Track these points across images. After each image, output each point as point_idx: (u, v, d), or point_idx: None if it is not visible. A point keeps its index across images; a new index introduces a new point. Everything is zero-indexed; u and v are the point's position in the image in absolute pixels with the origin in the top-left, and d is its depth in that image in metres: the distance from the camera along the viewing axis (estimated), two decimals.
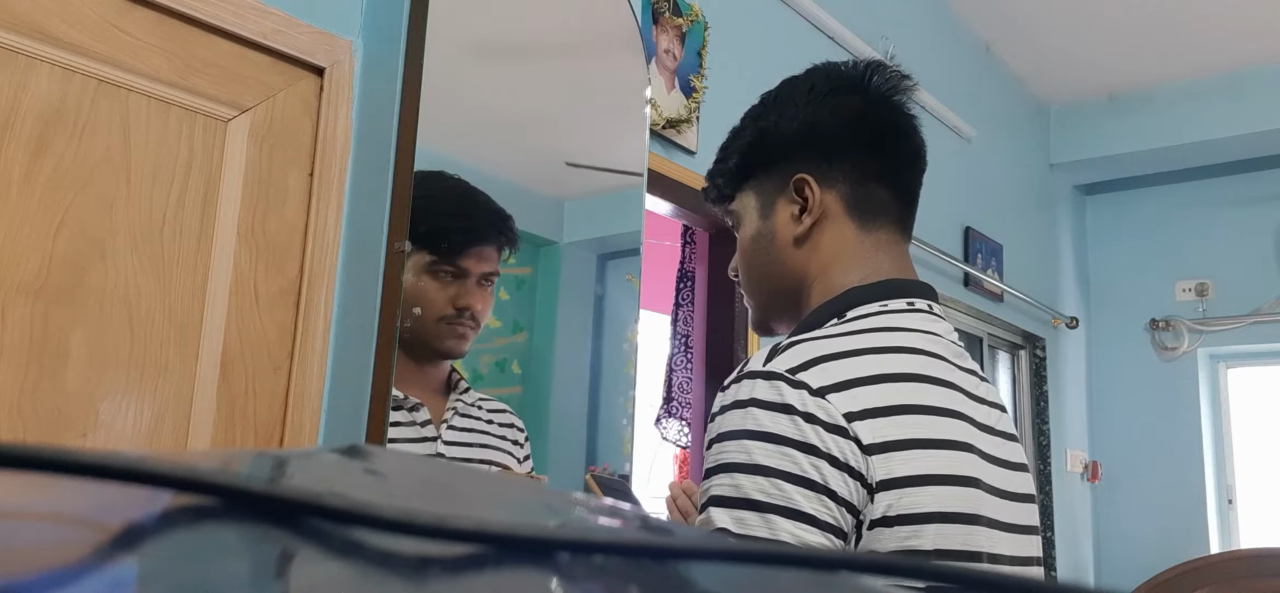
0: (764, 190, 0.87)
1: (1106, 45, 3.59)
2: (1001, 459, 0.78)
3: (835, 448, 0.68)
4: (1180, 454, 4.03)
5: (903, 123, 0.86)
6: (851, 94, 0.85)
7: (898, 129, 0.86)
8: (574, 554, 0.23)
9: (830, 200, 0.84)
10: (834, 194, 0.84)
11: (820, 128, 0.84)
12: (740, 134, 0.90)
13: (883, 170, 0.85)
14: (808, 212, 0.84)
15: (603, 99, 1.68)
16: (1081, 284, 4.32)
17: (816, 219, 0.84)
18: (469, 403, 1.35)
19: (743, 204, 0.90)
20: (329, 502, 0.23)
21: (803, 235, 0.85)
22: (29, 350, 1.03)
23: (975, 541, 0.72)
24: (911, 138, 0.87)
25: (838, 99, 0.85)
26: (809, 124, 0.85)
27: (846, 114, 0.85)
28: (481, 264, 1.34)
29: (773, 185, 0.87)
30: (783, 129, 0.86)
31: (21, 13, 1.05)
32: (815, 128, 0.84)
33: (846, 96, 0.85)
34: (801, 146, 0.85)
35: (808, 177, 0.84)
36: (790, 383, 0.69)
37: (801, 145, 0.85)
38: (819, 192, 0.84)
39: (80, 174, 1.08)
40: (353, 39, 1.34)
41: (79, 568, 0.20)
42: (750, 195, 0.89)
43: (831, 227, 0.84)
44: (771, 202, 0.87)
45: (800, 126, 0.85)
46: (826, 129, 0.84)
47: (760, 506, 0.67)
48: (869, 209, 0.84)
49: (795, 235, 0.85)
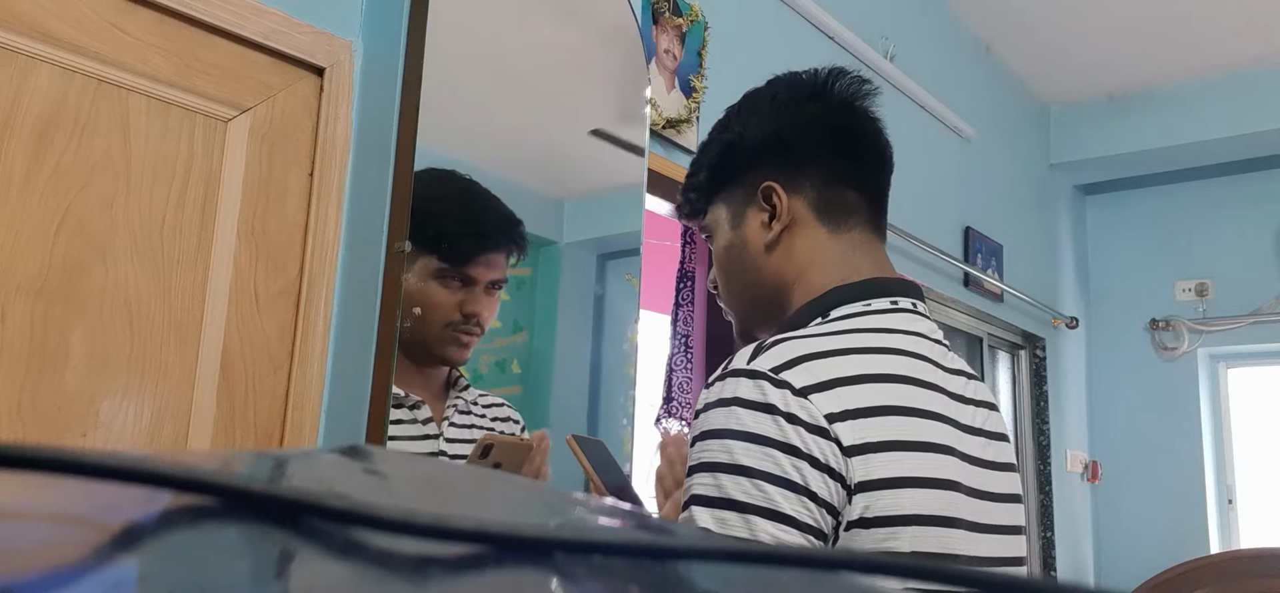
0: (734, 201, 0.89)
1: (1106, 45, 3.59)
2: (984, 460, 0.78)
3: (816, 449, 0.68)
4: (1180, 454, 4.03)
5: (866, 126, 0.88)
6: (813, 101, 0.87)
7: (861, 132, 0.87)
8: (574, 554, 0.23)
9: (798, 206, 0.85)
10: (802, 200, 0.85)
11: (784, 136, 0.86)
12: (708, 148, 0.91)
13: (849, 173, 0.86)
14: (776, 218, 0.85)
15: (603, 98, 1.68)
16: (1081, 284, 4.32)
17: (786, 225, 0.85)
18: (468, 400, 1.35)
19: (715, 217, 0.91)
20: (329, 502, 0.23)
21: (773, 242, 0.86)
22: (29, 350, 1.03)
23: (952, 543, 0.72)
24: (876, 140, 0.88)
25: (800, 107, 0.86)
26: (773, 133, 0.86)
27: (809, 120, 0.86)
28: (490, 272, 1.33)
29: (742, 196, 0.88)
30: (748, 140, 0.87)
31: (21, 13, 1.05)
32: (779, 136, 0.86)
33: (808, 103, 0.87)
34: (767, 155, 0.86)
35: (774, 184, 0.85)
36: (773, 382, 0.70)
37: (767, 154, 0.86)
38: (786, 198, 0.85)
39: (80, 174, 1.08)
40: (353, 39, 1.34)
41: (79, 568, 0.20)
42: (721, 207, 0.90)
43: (802, 232, 0.85)
44: (741, 212, 0.88)
45: (764, 136, 0.86)
46: (790, 136, 0.86)
47: (742, 506, 0.68)
48: (838, 212, 0.86)
49: (766, 242, 0.86)
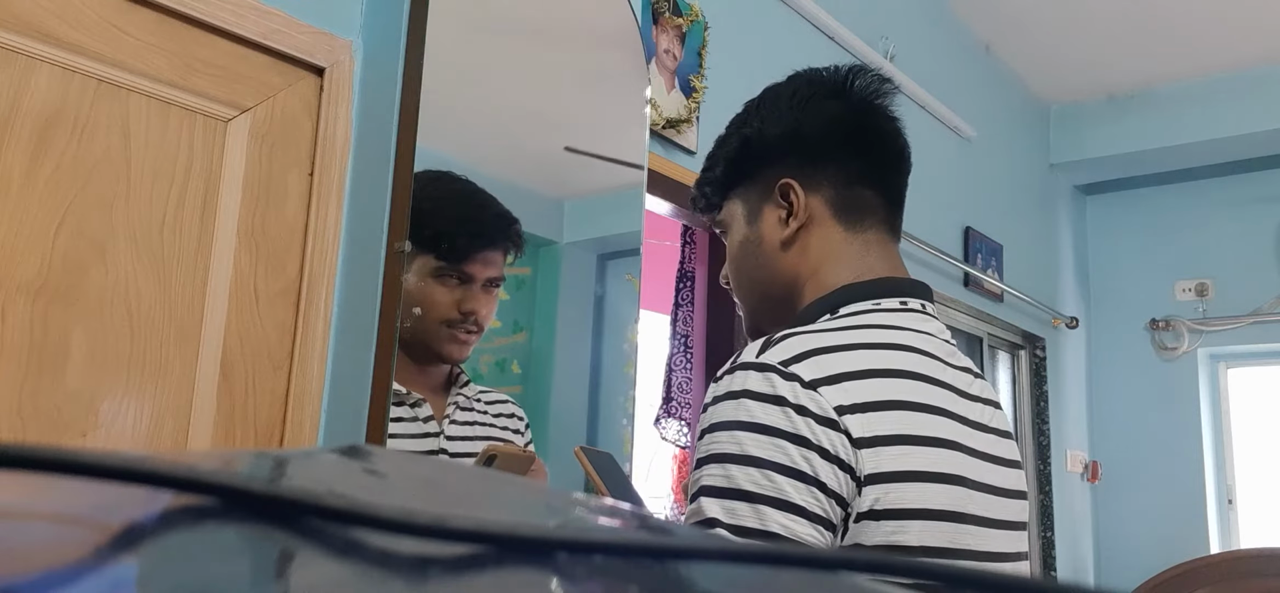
0: (750, 197, 0.89)
1: (1106, 45, 3.59)
2: (992, 456, 0.78)
3: (826, 440, 0.69)
4: (1180, 454, 4.03)
5: (885, 125, 0.87)
6: (833, 99, 0.86)
7: (880, 131, 0.87)
8: (574, 554, 0.23)
9: (815, 204, 0.85)
10: (819, 198, 0.85)
11: (803, 133, 0.85)
12: (726, 142, 0.91)
13: (867, 173, 0.86)
14: (793, 216, 0.85)
15: (603, 99, 1.68)
16: (1081, 284, 4.32)
17: (803, 223, 0.85)
18: (469, 397, 1.35)
19: (730, 212, 0.91)
20: (329, 502, 0.23)
21: (789, 239, 0.85)
22: (29, 350, 1.03)
23: (961, 539, 0.73)
24: (894, 140, 0.88)
25: (819, 104, 0.86)
26: (792, 130, 0.86)
27: (828, 118, 0.86)
28: (487, 269, 1.34)
29: (758, 192, 0.88)
30: (766, 136, 0.87)
31: (21, 13, 1.05)
32: (798, 133, 0.85)
33: (828, 101, 0.86)
34: (785, 152, 0.86)
35: (792, 181, 0.85)
36: (782, 375, 0.70)
37: (785, 151, 0.86)
38: (804, 196, 0.85)
39: (80, 174, 1.08)
40: (353, 39, 1.34)
41: (79, 568, 0.20)
42: (737, 203, 0.90)
43: (818, 230, 0.85)
44: (758, 208, 0.88)
45: (783, 132, 0.86)
46: (809, 134, 0.85)
47: (751, 496, 0.68)
48: (855, 211, 0.85)
49: (782, 239, 0.86)
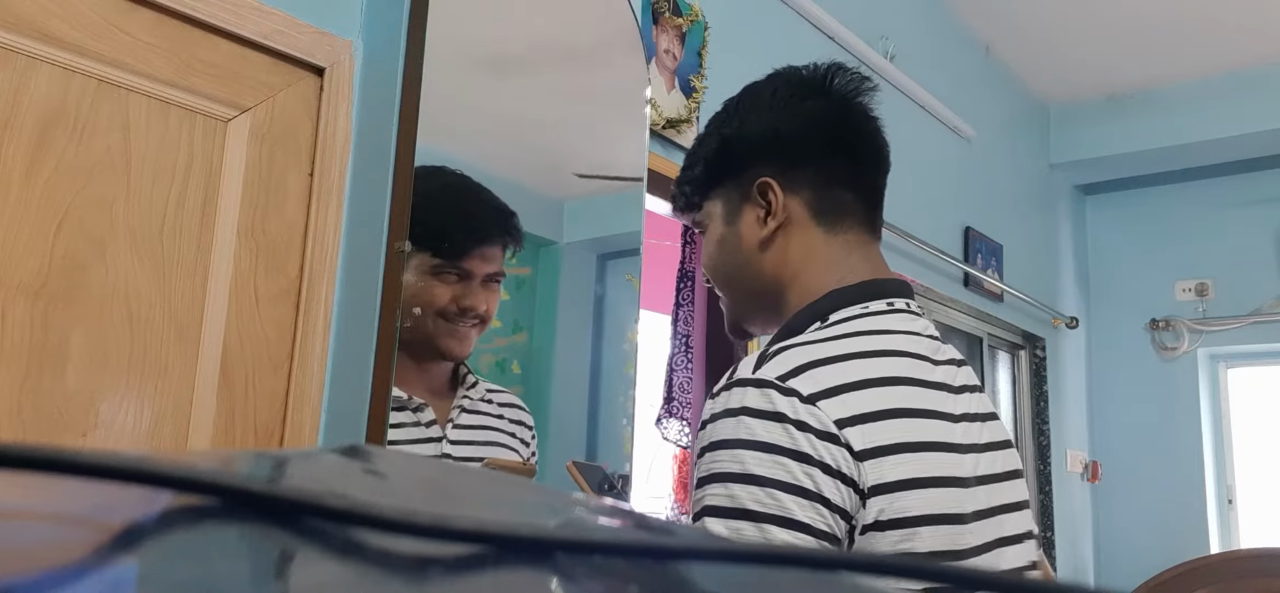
0: (729, 196, 0.88)
1: (1106, 45, 3.59)
2: (980, 444, 0.78)
3: (827, 455, 0.68)
4: (1180, 454, 4.03)
5: (865, 125, 0.87)
6: (813, 98, 0.86)
7: (860, 131, 0.86)
8: (574, 555, 0.23)
9: (794, 205, 0.84)
10: (798, 199, 0.84)
11: (783, 132, 0.85)
12: (705, 141, 0.91)
13: (846, 173, 0.86)
14: (771, 216, 0.84)
15: (603, 99, 1.68)
16: (1081, 284, 4.32)
17: (781, 223, 0.84)
18: (477, 398, 1.34)
19: (709, 211, 0.90)
20: (329, 502, 0.23)
21: (767, 239, 0.85)
22: (29, 350, 1.03)
23: (966, 539, 0.72)
24: (873, 140, 0.87)
25: (799, 103, 0.85)
26: (772, 129, 0.85)
27: (808, 119, 0.85)
28: (486, 265, 1.33)
29: (738, 191, 0.87)
30: (746, 135, 0.86)
31: (21, 13, 1.05)
32: (778, 133, 0.85)
33: (808, 100, 0.85)
34: (765, 152, 0.85)
35: (771, 181, 0.84)
36: (781, 391, 0.70)
37: (765, 151, 0.85)
38: (782, 196, 0.84)
39: (80, 174, 1.08)
40: (353, 39, 1.34)
41: (79, 568, 0.20)
42: (717, 202, 0.89)
43: (797, 231, 0.84)
44: (737, 207, 0.87)
45: (763, 132, 0.85)
46: (789, 134, 0.85)
47: (756, 516, 0.67)
48: (833, 212, 0.85)
49: (760, 239, 0.85)
